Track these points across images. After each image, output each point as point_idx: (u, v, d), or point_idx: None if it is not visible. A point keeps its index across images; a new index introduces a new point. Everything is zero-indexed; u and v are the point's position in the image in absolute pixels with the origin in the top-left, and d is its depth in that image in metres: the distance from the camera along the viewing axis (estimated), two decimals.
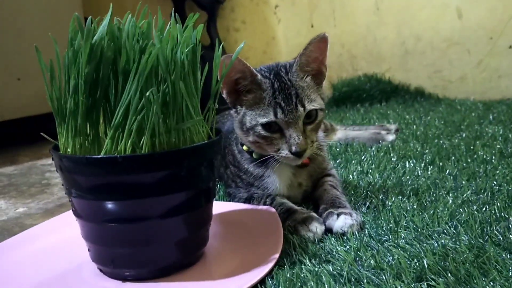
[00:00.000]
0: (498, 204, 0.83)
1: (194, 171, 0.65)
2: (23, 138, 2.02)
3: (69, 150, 0.65)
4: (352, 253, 0.70)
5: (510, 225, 0.75)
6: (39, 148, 1.91)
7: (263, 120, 0.84)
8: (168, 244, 0.67)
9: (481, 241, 0.71)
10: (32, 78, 1.88)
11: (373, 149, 1.31)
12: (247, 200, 0.92)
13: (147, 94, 0.59)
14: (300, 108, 0.84)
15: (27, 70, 1.87)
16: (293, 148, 0.83)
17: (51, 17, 1.97)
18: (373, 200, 0.92)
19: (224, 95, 0.89)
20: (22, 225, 1.05)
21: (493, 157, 1.13)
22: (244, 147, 0.94)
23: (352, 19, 2.25)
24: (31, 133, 2.06)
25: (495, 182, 0.96)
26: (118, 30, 0.63)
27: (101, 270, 0.71)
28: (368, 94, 2.15)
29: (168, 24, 0.69)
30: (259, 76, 0.87)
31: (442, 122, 1.62)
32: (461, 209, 0.84)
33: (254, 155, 0.93)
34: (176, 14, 0.70)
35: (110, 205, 0.63)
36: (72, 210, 0.68)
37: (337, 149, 1.36)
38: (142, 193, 0.62)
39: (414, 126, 1.57)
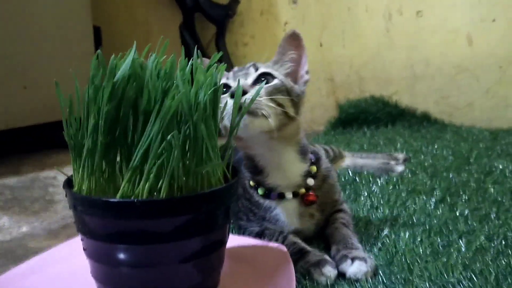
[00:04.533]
0: None
1: (211, 215, 0.64)
2: (27, 146, 2.01)
3: (84, 187, 0.63)
4: None
5: None
6: (42, 157, 1.90)
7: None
8: None
9: None
10: (39, 87, 1.87)
11: (381, 180, 1.30)
12: (258, 235, 0.91)
13: (168, 138, 0.58)
14: (252, 69, 0.88)
15: (33, 79, 1.86)
16: (233, 90, 0.80)
17: (59, 25, 1.96)
18: (385, 241, 0.91)
19: None
20: (26, 248, 1.03)
21: (504, 197, 1.12)
22: (251, 182, 0.93)
23: (362, 40, 2.24)
24: (36, 142, 2.05)
25: (507, 227, 0.95)
26: (140, 67, 0.62)
27: None
28: (375, 116, 2.14)
29: (190, 60, 0.68)
30: None
31: (450, 152, 1.61)
32: (475, 257, 0.82)
33: (259, 191, 0.92)
34: (199, 51, 0.69)
35: (123, 249, 0.61)
36: (84, 249, 0.66)
37: (346, 178, 1.35)
38: (157, 239, 0.60)
39: (422, 156, 1.55)
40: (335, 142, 1.84)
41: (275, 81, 0.86)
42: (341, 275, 0.79)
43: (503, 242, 0.88)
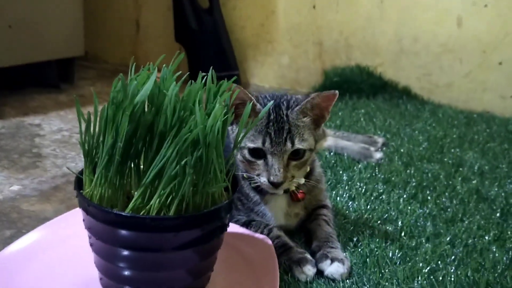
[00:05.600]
0: (472, 264, 0.92)
1: (212, 228, 0.69)
2: (11, 86, 1.97)
3: (95, 192, 0.68)
4: None
5: None
6: (25, 99, 1.88)
7: (251, 145, 0.91)
8: None
9: None
10: (24, 26, 1.82)
11: (360, 166, 1.38)
12: (245, 225, 0.97)
13: (182, 163, 0.62)
14: (289, 144, 0.90)
15: (19, 18, 1.80)
16: (271, 178, 0.89)
17: None
18: (360, 237, 1.00)
19: None
20: (19, 210, 1.07)
21: (470, 198, 1.22)
22: (245, 175, 0.98)
23: (355, 8, 2.23)
24: (18, 82, 2.01)
25: (469, 233, 1.04)
26: (158, 91, 0.64)
27: None
28: (358, 87, 2.19)
29: (204, 80, 0.70)
30: (258, 106, 0.92)
31: (425, 136, 1.70)
32: (439, 263, 0.92)
33: (252, 184, 0.97)
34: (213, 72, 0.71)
35: (129, 254, 0.67)
36: (90, 244, 0.72)
37: (327, 158, 1.42)
38: (160, 248, 0.66)
39: (399, 140, 1.63)
40: None
41: (307, 154, 0.93)
42: (319, 272, 0.88)
43: (464, 250, 0.98)
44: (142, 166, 0.69)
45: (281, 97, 0.96)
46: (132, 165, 0.69)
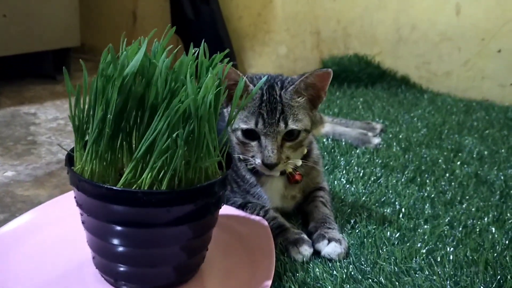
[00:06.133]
0: (471, 244, 0.91)
1: (206, 204, 0.68)
2: (6, 76, 1.96)
3: (86, 168, 0.66)
4: (338, 286, 0.77)
5: (478, 273, 0.82)
6: (20, 89, 1.87)
7: (244, 126, 0.89)
8: (169, 267, 0.71)
9: (452, 284, 0.79)
10: (19, 16, 1.80)
11: (358, 151, 1.36)
12: (241, 207, 0.96)
13: (174, 136, 0.61)
14: (282, 125, 0.88)
15: (13, 7, 1.78)
16: (265, 159, 0.88)
17: None
18: (357, 219, 0.98)
19: None
20: (12, 195, 1.06)
21: (469, 181, 1.21)
22: (241, 156, 0.97)
23: None
24: (14, 72, 2.00)
25: (468, 214, 1.03)
26: (149, 63, 0.63)
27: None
28: (356, 76, 2.18)
29: (196, 54, 0.69)
30: (251, 87, 0.90)
31: (424, 123, 1.68)
32: (437, 243, 0.91)
33: (248, 166, 0.96)
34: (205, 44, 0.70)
35: (120, 229, 0.65)
36: (82, 222, 0.70)
37: (325, 144, 1.41)
38: (152, 224, 0.65)
39: (398, 127, 1.62)
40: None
41: (302, 135, 0.91)
42: (316, 252, 0.87)
43: (463, 231, 0.97)
44: (134, 145, 0.68)
45: (276, 77, 0.95)
46: (124, 143, 0.67)
